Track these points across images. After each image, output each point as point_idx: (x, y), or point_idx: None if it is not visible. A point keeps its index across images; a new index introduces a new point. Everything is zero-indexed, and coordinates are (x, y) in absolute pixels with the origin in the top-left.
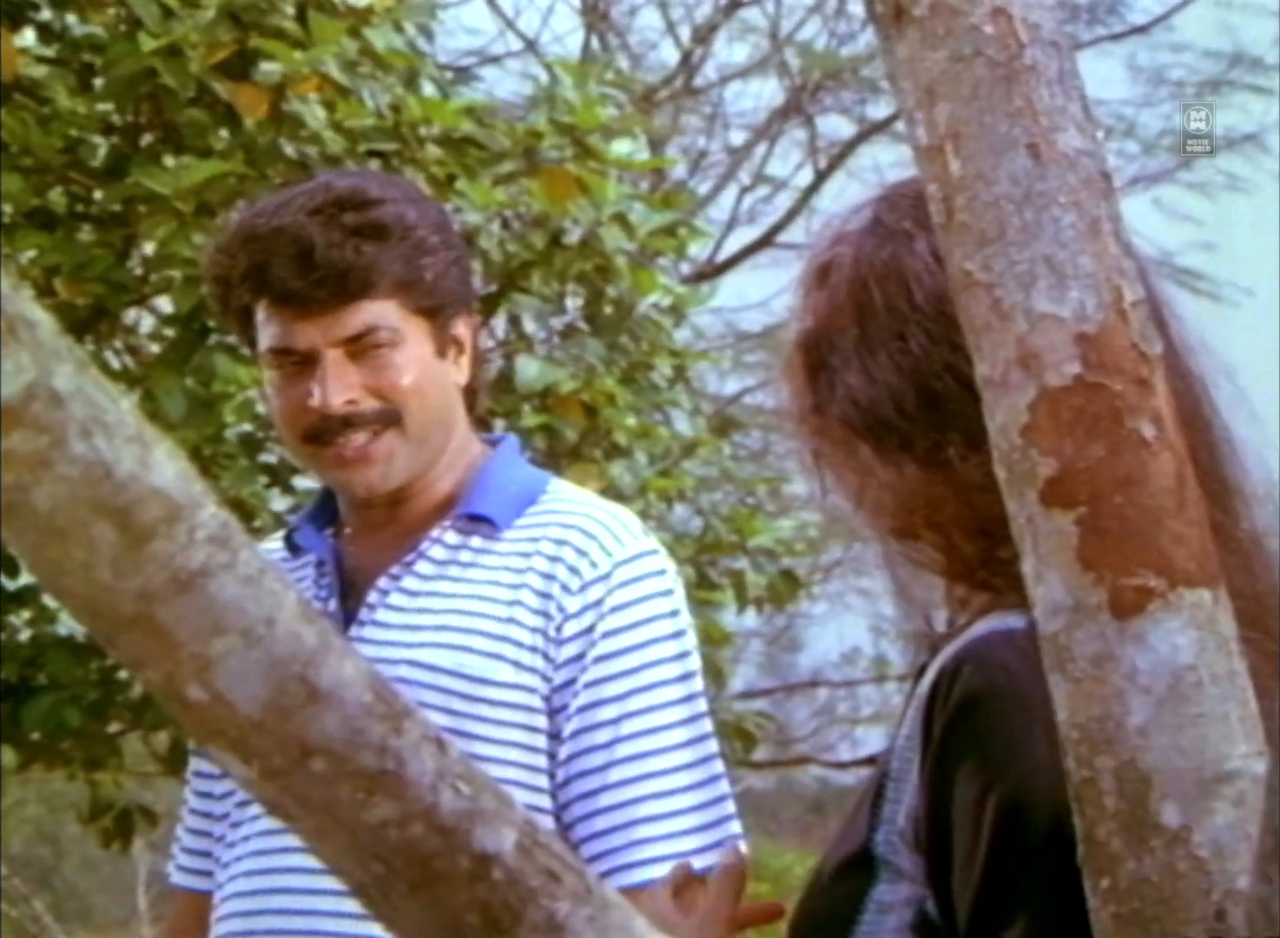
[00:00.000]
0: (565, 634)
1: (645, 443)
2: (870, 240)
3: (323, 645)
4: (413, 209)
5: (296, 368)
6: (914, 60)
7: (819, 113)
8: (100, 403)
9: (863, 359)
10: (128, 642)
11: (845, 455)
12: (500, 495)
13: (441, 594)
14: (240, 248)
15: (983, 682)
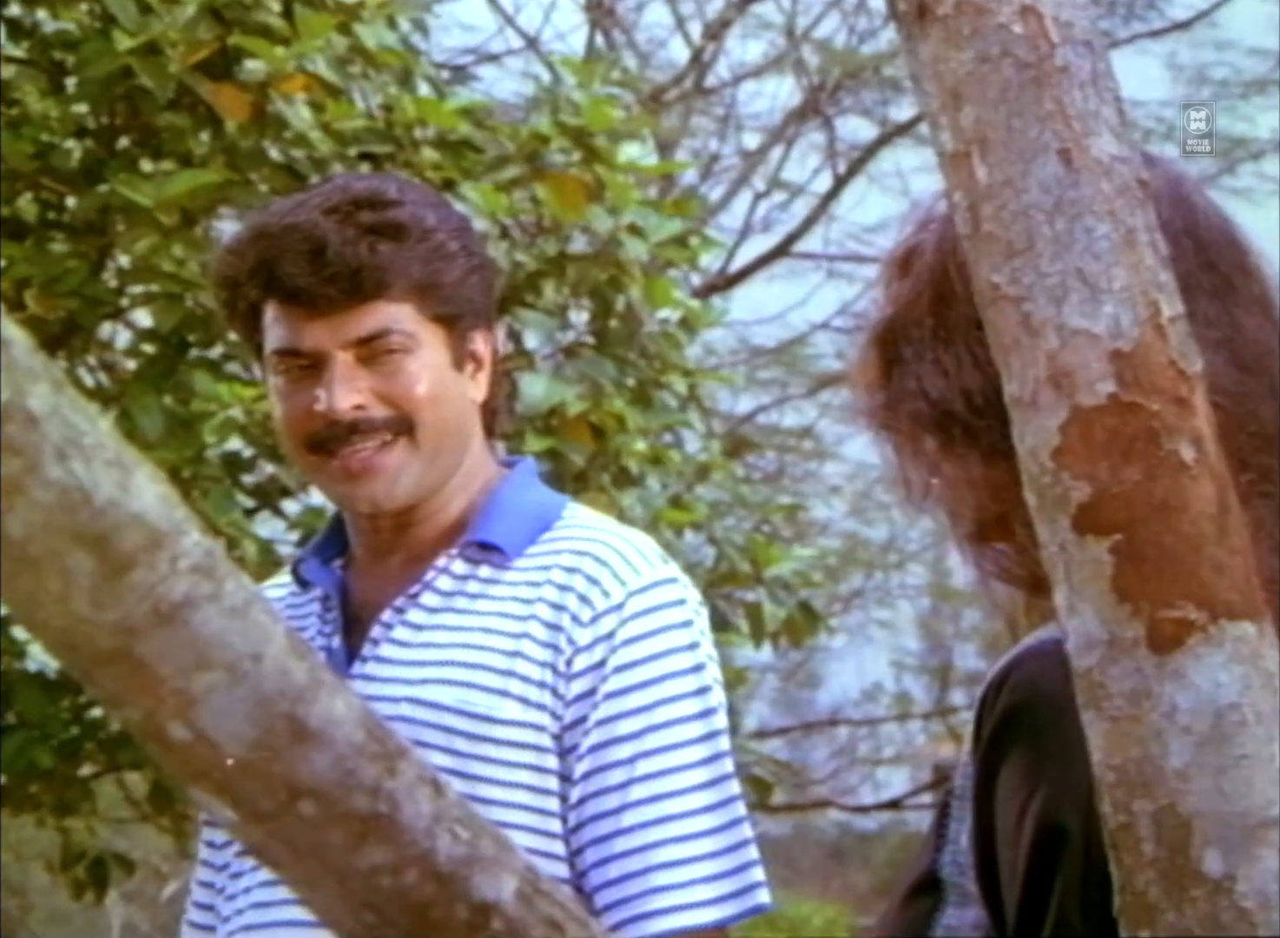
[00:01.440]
0: (575, 669)
1: (656, 468)
2: (946, 228)
3: (313, 682)
4: (433, 212)
5: (303, 371)
6: (938, 61)
7: (838, 114)
8: (77, 424)
9: (937, 351)
10: (106, 678)
11: (914, 453)
12: (512, 522)
13: (447, 627)
14: (250, 245)
15: (1026, 693)
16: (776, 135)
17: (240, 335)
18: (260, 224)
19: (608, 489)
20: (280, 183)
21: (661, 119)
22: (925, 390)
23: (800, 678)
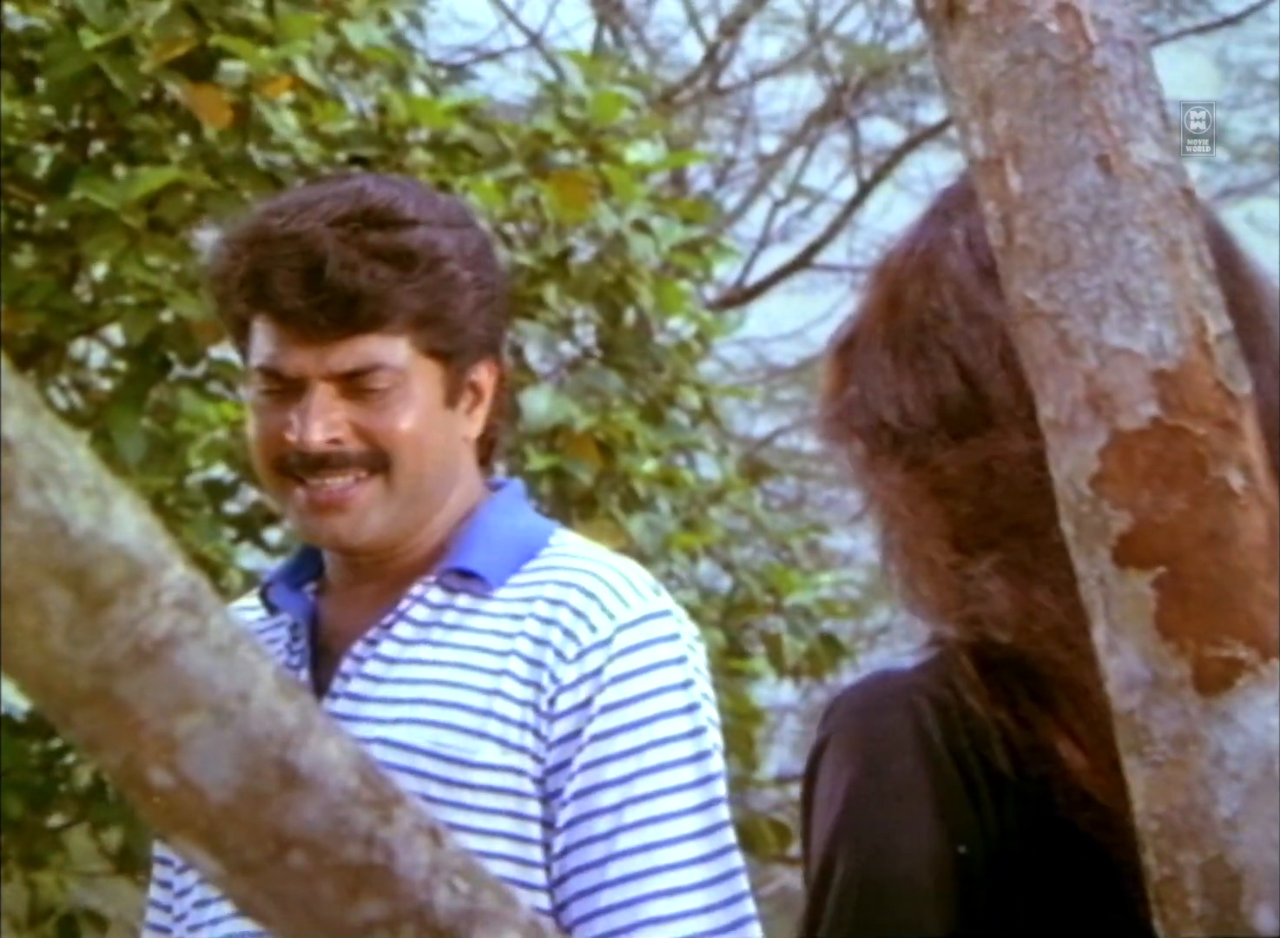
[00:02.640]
0: (559, 708)
1: (668, 490)
2: (917, 232)
3: (303, 724)
4: (449, 236)
5: (282, 393)
6: (969, 62)
7: (863, 116)
8: (54, 450)
9: (882, 358)
10: (83, 720)
11: (848, 461)
12: (493, 549)
13: (421, 661)
14: (246, 249)
15: (829, 732)
16: (796, 139)
17: (230, 338)
18: (262, 226)
19: (615, 514)
20: (263, 190)
21: (673, 121)
22: (865, 397)
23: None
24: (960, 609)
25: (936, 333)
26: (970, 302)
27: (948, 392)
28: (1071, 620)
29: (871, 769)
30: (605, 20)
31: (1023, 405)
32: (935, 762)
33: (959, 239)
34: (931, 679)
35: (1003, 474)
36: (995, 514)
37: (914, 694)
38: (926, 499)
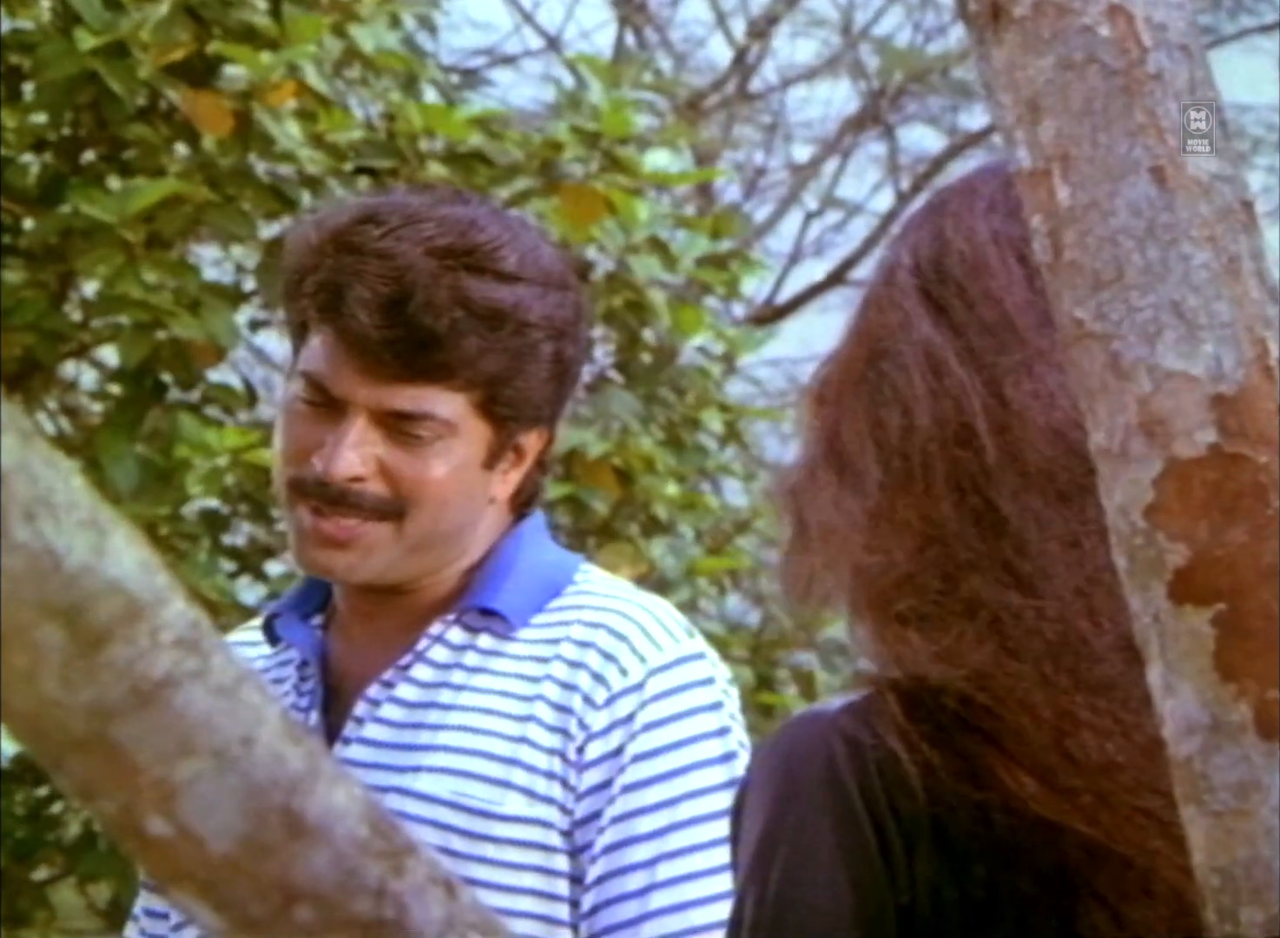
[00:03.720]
0: (588, 757)
1: (691, 516)
2: (901, 249)
3: (310, 770)
4: (541, 302)
5: (319, 407)
6: (1015, 68)
7: (901, 123)
8: (47, 480)
9: (844, 389)
10: (77, 765)
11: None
12: (517, 586)
13: (441, 706)
14: (331, 251)
15: (751, 775)
16: (830, 147)
17: (290, 319)
18: (354, 230)
19: (635, 540)
20: (265, 203)
21: (700, 128)
22: (829, 433)
23: None
24: (885, 649)
25: (881, 362)
26: (911, 327)
27: (885, 420)
28: (999, 664)
29: (781, 813)
30: (627, 21)
31: (945, 442)
32: (844, 807)
33: (905, 262)
34: (853, 720)
35: (918, 510)
36: (914, 554)
37: (831, 736)
38: (851, 539)
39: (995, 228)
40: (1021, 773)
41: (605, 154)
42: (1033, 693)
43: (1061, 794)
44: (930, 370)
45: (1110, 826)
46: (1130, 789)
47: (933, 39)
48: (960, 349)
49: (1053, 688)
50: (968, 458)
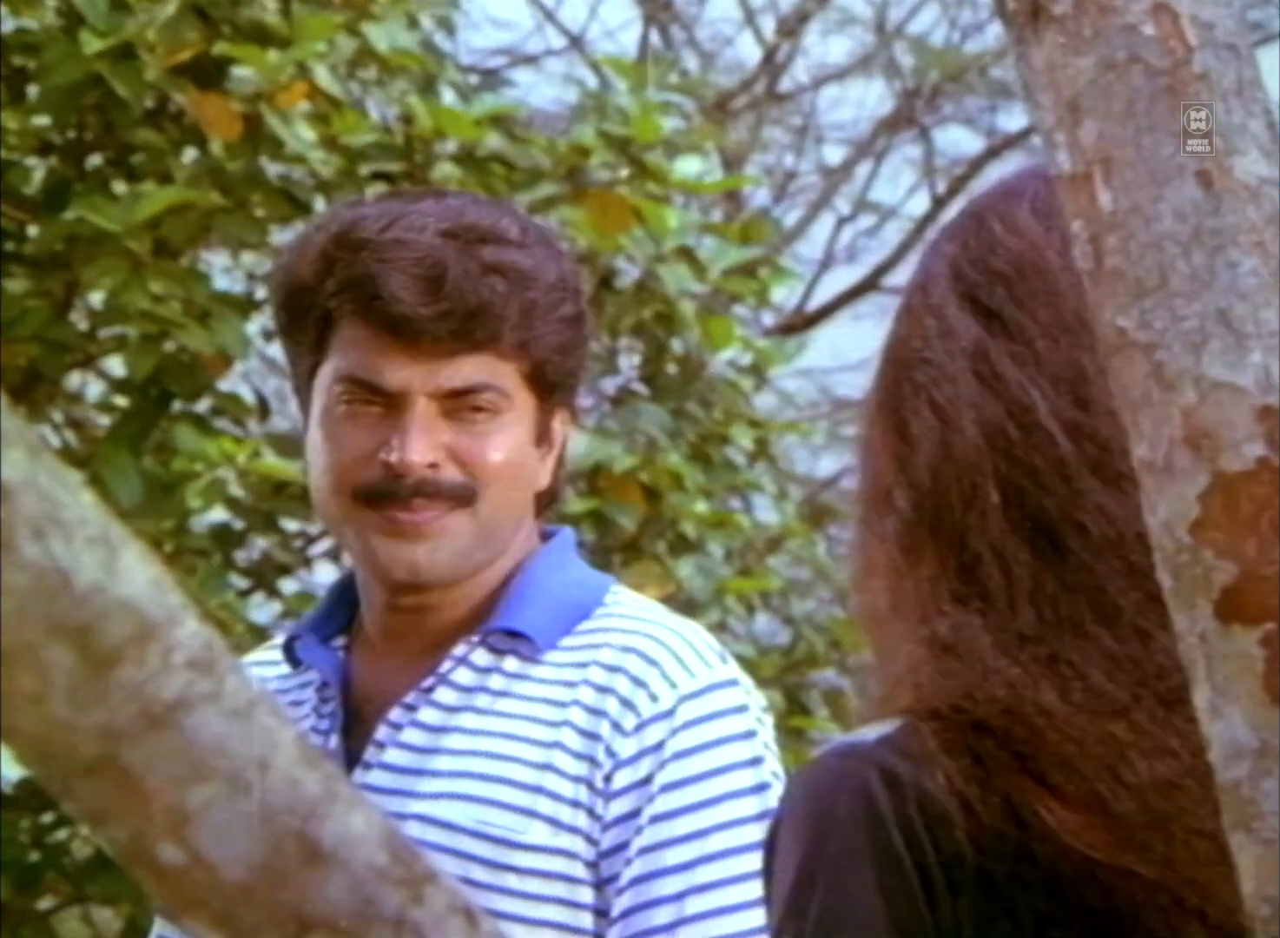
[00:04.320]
0: (616, 786)
1: (720, 535)
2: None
3: (327, 794)
4: (555, 265)
5: (374, 410)
6: (1055, 68)
7: (937, 124)
8: (57, 496)
9: (872, 413)
10: (87, 791)
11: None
12: (543, 607)
13: (465, 731)
14: (346, 251)
15: (784, 810)
16: (864, 149)
17: (292, 347)
18: (357, 228)
19: (662, 559)
20: (277, 209)
21: (728, 130)
22: (859, 454)
23: None
24: (920, 677)
25: (914, 372)
26: (951, 333)
27: (916, 434)
28: (1034, 687)
29: (817, 850)
30: (653, 20)
31: (996, 449)
32: (883, 844)
33: (942, 270)
34: (891, 753)
35: (957, 526)
36: (959, 573)
37: (868, 770)
38: (896, 560)
39: (1047, 226)
40: (1063, 809)
41: (634, 160)
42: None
43: (1108, 828)
44: (976, 376)
45: (1163, 855)
46: (1186, 810)
47: (970, 37)
48: (1014, 352)
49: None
50: (1022, 467)
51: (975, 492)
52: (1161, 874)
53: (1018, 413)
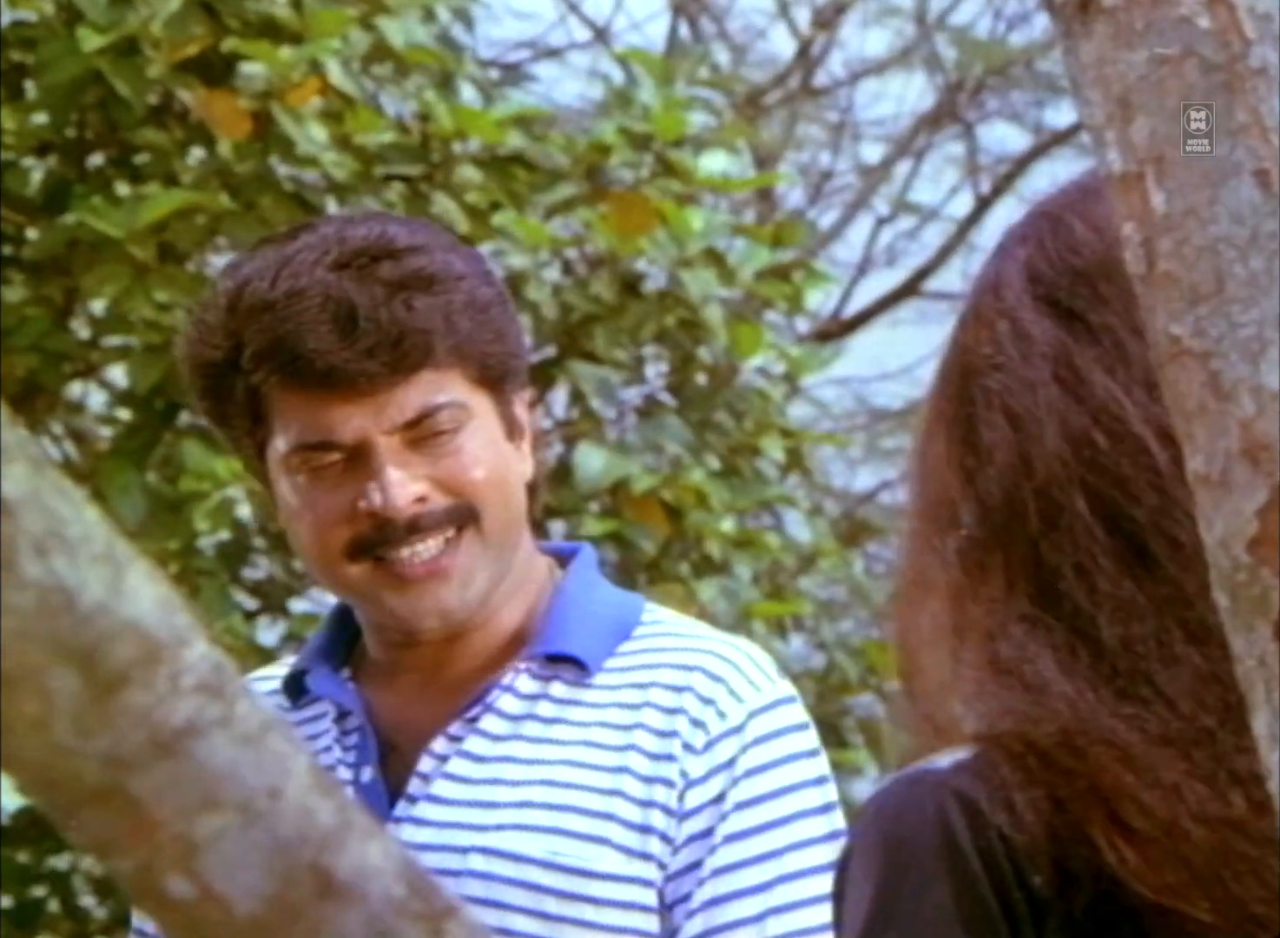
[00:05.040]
0: (688, 806)
1: (747, 555)
2: (977, 276)
3: (341, 824)
4: (455, 255)
5: (337, 468)
6: (1104, 63)
7: (981, 120)
8: (60, 512)
9: (933, 424)
10: (92, 820)
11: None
12: (586, 628)
13: (519, 760)
14: (247, 321)
15: (855, 839)
16: (903, 146)
17: (229, 430)
18: (248, 294)
19: (685, 581)
20: (288, 212)
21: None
22: (916, 467)
23: None
24: (991, 703)
25: (984, 380)
26: (1027, 338)
27: (994, 443)
28: (1107, 715)
29: (893, 882)
30: (681, 11)
31: (1081, 459)
32: (964, 878)
33: (1015, 273)
34: (968, 780)
35: (1033, 544)
36: (1033, 592)
37: (944, 798)
38: (958, 580)
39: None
40: (1129, 846)
41: (657, 158)
42: (1153, 753)
43: (1176, 866)
44: (1058, 382)
45: (1231, 895)
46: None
47: (1015, 28)
48: (1100, 356)
49: (1178, 743)
50: (1110, 477)
51: (1057, 504)
52: (1228, 916)
53: (1106, 420)
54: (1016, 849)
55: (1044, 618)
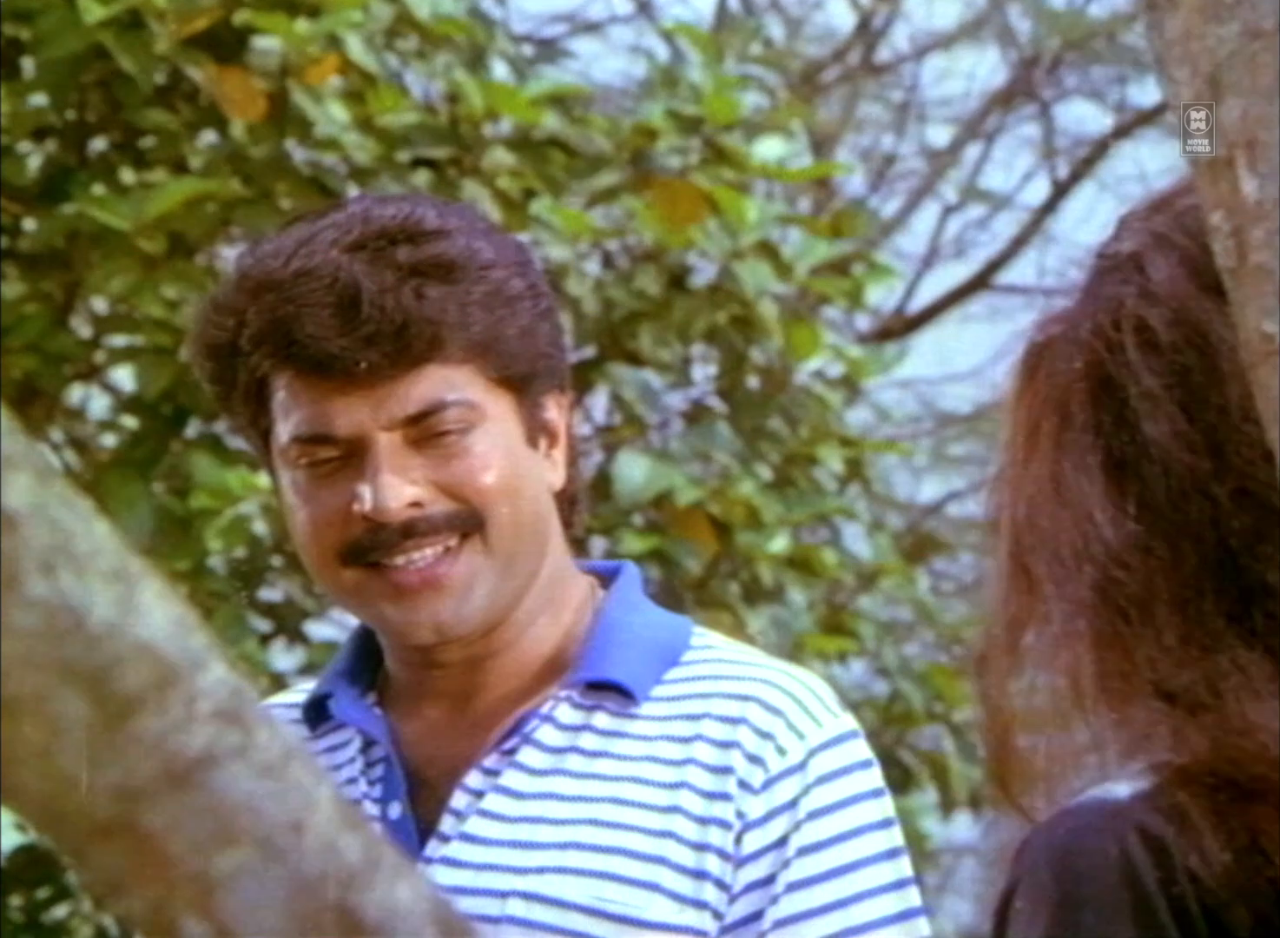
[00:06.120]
0: (746, 850)
1: (801, 577)
2: (1089, 291)
3: (368, 861)
4: (486, 242)
5: (334, 464)
6: (1191, 38)
7: (1058, 98)
8: (68, 525)
9: (1037, 442)
10: (101, 856)
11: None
12: (630, 653)
13: (561, 797)
14: (251, 301)
15: (1020, 872)
16: (973, 128)
17: (238, 419)
18: (258, 271)
19: (733, 606)
20: (306, 199)
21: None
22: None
23: None
24: (1168, 734)
25: (1114, 394)
26: (1201, 332)
27: (1163, 461)
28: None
29: (1069, 923)
30: None
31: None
32: (1148, 918)
33: (1170, 262)
34: (1150, 813)
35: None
36: (1221, 618)
37: (1127, 831)
38: (1121, 612)
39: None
40: None
41: (707, 143)
42: None
43: None
44: None
45: None
46: None
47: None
48: None
49: None
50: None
51: (1257, 524)
52: None
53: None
54: (1207, 893)
55: (1231, 645)
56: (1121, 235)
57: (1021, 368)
